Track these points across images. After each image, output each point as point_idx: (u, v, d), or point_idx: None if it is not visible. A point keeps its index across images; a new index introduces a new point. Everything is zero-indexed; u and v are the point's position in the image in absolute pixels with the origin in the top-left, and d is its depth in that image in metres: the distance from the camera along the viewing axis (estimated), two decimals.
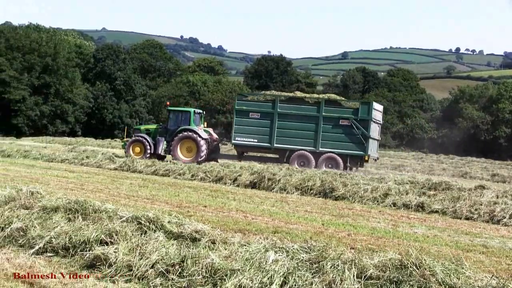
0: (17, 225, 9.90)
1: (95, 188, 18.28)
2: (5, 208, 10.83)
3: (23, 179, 19.03)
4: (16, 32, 78.30)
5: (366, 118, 32.86)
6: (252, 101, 35.12)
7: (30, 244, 9.34)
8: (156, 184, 20.89)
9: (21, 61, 73.19)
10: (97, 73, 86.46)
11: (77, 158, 29.26)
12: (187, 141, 33.74)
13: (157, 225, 9.06)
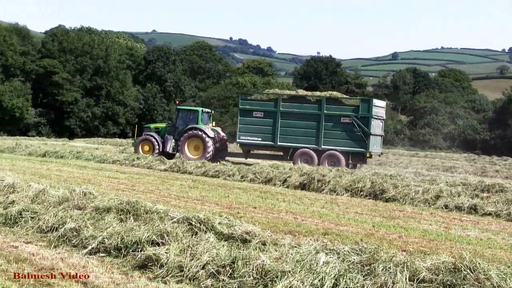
0: (70, 225, 10.06)
1: (146, 189, 18.44)
2: (59, 208, 11.01)
3: (75, 180, 19.31)
4: (68, 35, 79.56)
5: (366, 115, 33.04)
6: (256, 100, 35.35)
7: (83, 244, 9.47)
8: (206, 185, 20.97)
9: (73, 63, 74.34)
10: (147, 75, 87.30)
11: (128, 159, 29.57)
12: (194, 140, 34.50)
13: (208, 226, 9.09)
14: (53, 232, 10.25)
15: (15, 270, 8.03)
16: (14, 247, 9.43)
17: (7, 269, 8.08)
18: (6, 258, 8.63)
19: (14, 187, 12.78)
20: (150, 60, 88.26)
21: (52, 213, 10.83)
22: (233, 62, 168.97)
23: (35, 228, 10.71)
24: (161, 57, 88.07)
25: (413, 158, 52.28)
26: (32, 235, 10.43)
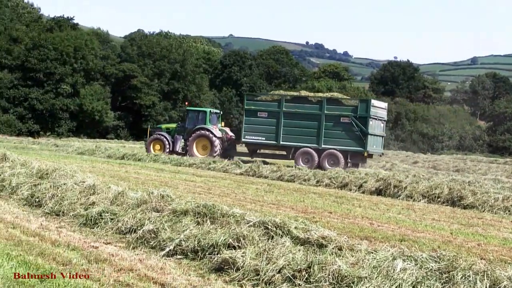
0: (148, 227, 10.21)
1: (222, 193, 18.58)
2: (137, 210, 11.20)
3: (153, 183, 19.62)
4: (147, 40, 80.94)
5: (364, 115, 34.07)
6: (260, 101, 36.96)
7: (161, 246, 9.60)
8: (282, 189, 20.99)
9: (151, 67, 75.53)
10: (223, 79, 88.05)
11: (204, 162, 29.87)
12: (202, 139, 36.30)
13: (284, 231, 9.08)
14: (131, 234, 10.43)
15: (95, 270, 8.21)
16: (94, 247, 9.64)
17: (88, 268, 8.27)
18: (87, 258, 8.83)
19: (94, 189, 13.07)
20: (226, 64, 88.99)
21: (131, 215, 11.03)
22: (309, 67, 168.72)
23: (114, 229, 10.92)
24: (237, 61, 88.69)
25: (492, 164, 51.13)
26: (111, 236, 10.65)
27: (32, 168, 15.97)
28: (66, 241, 9.96)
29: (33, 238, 9.96)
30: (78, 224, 11.51)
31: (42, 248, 9.22)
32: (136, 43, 78.91)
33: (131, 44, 79.99)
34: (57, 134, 63.92)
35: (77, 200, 12.69)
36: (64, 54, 67.69)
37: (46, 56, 66.42)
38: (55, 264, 8.34)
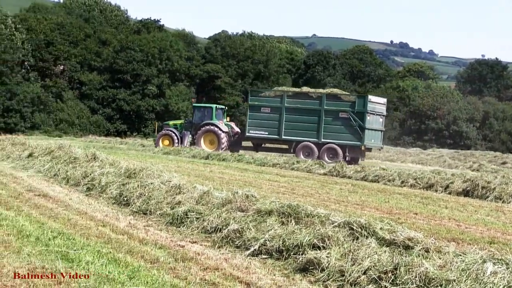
0: (233, 226, 10.29)
1: (306, 193, 18.55)
2: (222, 210, 11.31)
3: (237, 182, 19.75)
4: (231, 41, 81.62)
5: (362, 110, 35.55)
6: (264, 97, 38.76)
7: (246, 245, 9.66)
8: (366, 190, 20.80)
9: (235, 68, 76.14)
10: (307, 79, 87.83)
11: (288, 162, 29.88)
12: (210, 134, 38.04)
13: (369, 231, 8.99)
14: (217, 233, 10.54)
15: (182, 269, 8.33)
16: (180, 246, 9.78)
17: (174, 267, 8.40)
18: (173, 256, 8.97)
19: (180, 188, 13.26)
20: (310, 64, 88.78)
21: (216, 214, 11.14)
22: (393, 66, 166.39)
23: (200, 228, 11.06)
24: (321, 61, 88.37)
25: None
26: (197, 235, 10.78)
27: (120, 168, 16.34)
28: (153, 239, 10.14)
29: (121, 236, 10.19)
30: (164, 223, 11.71)
31: (131, 246, 9.42)
32: (220, 44, 79.67)
33: (215, 45, 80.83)
34: (144, 134, 65.22)
35: (164, 199, 12.90)
36: (150, 55, 68.99)
37: (133, 57, 67.85)
38: (143, 262, 8.51)
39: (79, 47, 69.54)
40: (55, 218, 11.51)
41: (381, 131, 38.55)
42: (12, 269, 7.62)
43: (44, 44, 67.57)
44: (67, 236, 9.77)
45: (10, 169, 20.50)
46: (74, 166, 18.33)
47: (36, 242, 9.22)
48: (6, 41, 62.93)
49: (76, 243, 9.34)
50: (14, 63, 63.74)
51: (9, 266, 7.76)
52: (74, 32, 70.39)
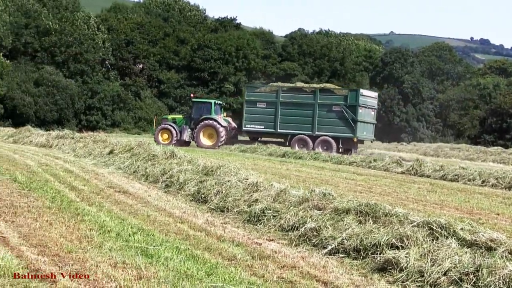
0: (310, 225, 10.25)
1: (383, 191, 18.34)
2: (299, 208, 11.28)
3: (314, 181, 19.69)
4: (308, 39, 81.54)
5: (354, 103, 37.22)
6: (260, 92, 40.51)
7: (323, 244, 9.61)
8: (445, 189, 20.41)
9: (311, 66, 76.07)
10: (384, 76, 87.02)
11: (365, 161, 29.63)
12: (209, 129, 38.93)
13: (449, 232, 8.80)
14: (293, 231, 10.52)
15: (259, 266, 8.36)
16: (257, 243, 9.81)
17: (252, 264, 8.44)
18: (250, 254, 9.00)
19: (257, 186, 13.29)
20: (387, 61, 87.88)
21: (293, 213, 11.11)
22: (473, 63, 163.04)
23: (276, 226, 11.05)
24: (398, 58, 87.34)
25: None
26: (274, 233, 10.79)
27: (198, 165, 16.50)
28: (230, 236, 10.21)
29: (199, 233, 10.29)
30: (241, 221, 11.76)
31: (208, 243, 9.50)
32: (297, 42, 79.73)
33: (291, 43, 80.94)
34: None
35: (241, 197, 12.96)
36: (227, 54, 69.53)
37: (210, 56, 68.55)
38: (221, 259, 8.56)
39: (158, 46, 70.75)
40: (135, 214, 11.72)
41: (372, 124, 40.22)
42: (95, 263, 7.80)
43: (124, 43, 69.01)
44: (146, 232, 9.92)
45: (92, 166, 21.00)
46: (153, 163, 18.62)
47: (117, 238, 9.40)
48: (88, 41, 64.55)
49: (155, 239, 9.49)
50: (96, 62, 65.38)
51: (92, 260, 7.94)
52: (153, 31, 71.64)
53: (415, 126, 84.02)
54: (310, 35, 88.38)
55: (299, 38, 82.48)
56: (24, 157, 22.66)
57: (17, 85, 58.47)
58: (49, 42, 63.69)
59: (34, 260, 7.82)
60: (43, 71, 60.87)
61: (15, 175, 16.13)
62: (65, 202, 12.41)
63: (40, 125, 54.17)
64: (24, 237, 9.06)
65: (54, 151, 27.80)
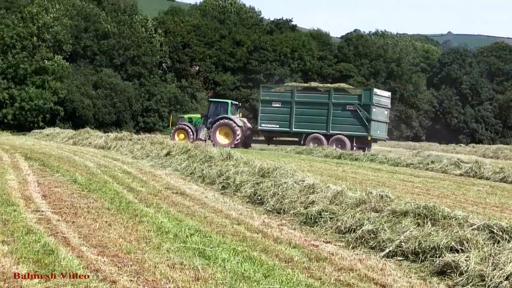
0: (368, 227, 10.18)
1: (441, 194, 18.09)
2: (356, 210, 11.21)
3: (370, 183, 19.53)
4: (364, 40, 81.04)
5: (368, 103, 37.99)
6: (275, 92, 41.31)
7: (380, 246, 9.52)
8: (505, 191, 20.03)
9: (368, 67, 75.55)
10: (442, 77, 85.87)
11: (422, 163, 29.28)
12: (225, 128, 39.27)
13: (511, 235, 8.65)
14: (350, 233, 10.45)
15: (316, 268, 8.33)
16: (314, 245, 9.78)
17: (309, 266, 8.41)
18: (307, 256, 8.98)
19: (313, 188, 13.25)
20: (445, 62, 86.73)
21: (350, 215, 11.05)
22: None
23: (333, 228, 11.00)
24: (456, 59, 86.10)
25: None
26: (330, 235, 10.74)
27: (254, 167, 16.55)
28: (287, 238, 10.20)
29: (256, 235, 10.30)
30: (298, 222, 11.74)
31: (265, 245, 9.50)
32: (353, 43, 79.29)
33: (347, 44, 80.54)
34: None
35: (297, 198, 12.93)
36: (282, 55, 69.54)
37: (266, 58, 68.64)
38: (278, 261, 8.56)
39: (214, 48, 71.17)
40: (192, 215, 11.80)
41: (385, 123, 41.10)
42: (153, 264, 7.88)
43: (180, 45, 69.61)
44: (203, 234, 9.98)
45: (149, 167, 21.25)
46: (209, 165, 18.75)
47: (175, 239, 9.47)
48: (146, 44, 65.33)
49: (212, 240, 9.53)
50: (153, 65, 66.10)
51: (150, 261, 8.03)
52: (209, 33, 72.11)
53: (474, 128, 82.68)
54: (366, 36, 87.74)
55: (355, 39, 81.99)
56: (84, 159, 23.05)
57: (77, 88, 59.54)
58: (108, 45, 64.70)
59: (94, 260, 7.94)
60: (101, 74, 61.85)
61: (75, 176, 16.42)
62: (123, 203, 12.57)
63: (99, 127, 55.03)
64: (84, 237, 9.21)
65: (112, 153, 28.22)
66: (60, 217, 10.67)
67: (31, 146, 29.54)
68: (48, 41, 61.29)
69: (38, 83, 59.05)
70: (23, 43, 59.29)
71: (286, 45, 71.40)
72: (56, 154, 24.29)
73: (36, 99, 57.66)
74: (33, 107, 57.74)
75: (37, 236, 8.94)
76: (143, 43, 65.43)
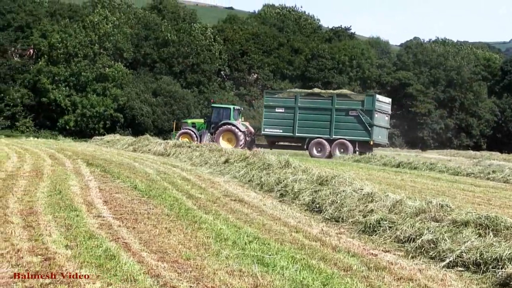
0: (427, 237, 10.07)
1: (503, 204, 17.73)
2: (416, 219, 11.10)
3: (430, 192, 19.27)
4: (423, 47, 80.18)
5: (370, 108, 38.84)
6: (278, 97, 42.25)
7: (441, 256, 9.41)
8: None
9: (427, 75, 74.69)
10: (504, 85, 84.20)
11: (483, 172, 28.75)
12: (228, 133, 40.55)
13: None
14: (410, 243, 10.35)
15: (375, 278, 8.28)
16: (373, 254, 9.72)
17: (368, 276, 8.37)
18: (366, 265, 8.93)
19: (372, 197, 13.17)
20: (507, 70, 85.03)
21: (409, 224, 10.94)
22: None
23: (392, 237, 10.91)
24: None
25: None
26: (389, 244, 10.66)
27: (313, 175, 16.53)
28: (346, 247, 10.16)
29: (314, 243, 10.29)
30: (356, 231, 11.69)
31: (324, 253, 9.49)
32: (412, 51, 78.51)
33: (406, 52, 79.80)
34: None
35: (356, 207, 12.88)
36: (341, 63, 69.32)
37: (324, 65, 68.51)
38: (337, 270, 8.53)
39: (272, 56, 71.35)
40: (251, 223, 11.85)
41: (386, 128, 42.13)
42: (212, 271, 7.95)
43: (239, 53, 69.97)
44: (262, 241, 10.01)
45: (208, 174, 21.40)
46: (267, 172, 18.79)
47: (233, 246, 9.53)
48: (205, 52, 65.90)
49: (271, 248, 9.55)
50: (212, 73, 66.59)
51: (209, 267, 8.10)
52: (267, 41, 72.35)
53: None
54: (426, 44, 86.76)
55: (414, 47, 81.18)
56: (143, 165, 23.36)
57: (136, 95, 60.44)
58: (168, 53, 65.52)
59: (155, 266, 8.06)
60: (161, 81, 62.65)
61: (135, 182, 16.66)
62: (182, 209, 12.70)
63: (158, 134, 55.78)
64: (145, 243, 9.34)
65: (171, 160, 28.51)
66: (121, 222, 10.86)
67: (92, 152, 30.08)
68: (109, 49, 62.44)
69: (99, 90, 60.23)
70: (84, 51, 60.54)
71: (344, 53, 71.17)
72: (117, 161, 24.68)
73: (97, 106, 58.79)
74: (94, 114, 58.89)
75: (99, 241, 9.12)
76: (202, 51, 66.06)
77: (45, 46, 60.54)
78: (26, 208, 11.66)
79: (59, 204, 12.29)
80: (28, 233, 9.46)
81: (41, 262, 7.84)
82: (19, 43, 65.10)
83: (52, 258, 8.02)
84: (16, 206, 11.81)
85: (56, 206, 11.99)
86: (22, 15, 64.89)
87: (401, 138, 72.91)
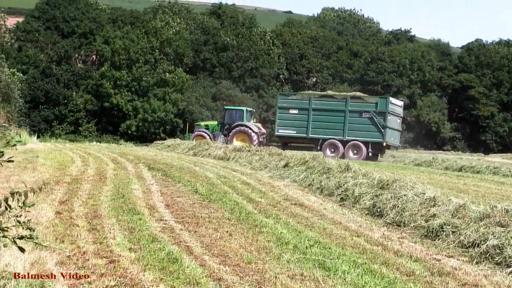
0: (493, 242, 9.88)
1: None
2: (480, 224, 10.90)
3: (494, 196, 18.89)
4: (486, 49, 78.73)
5: (384, 110, 39.17)
6: (292, 99, 42.75)
7: (507, 262, 9.23)
8: None
9: (490, 77, 73.29)
10: None
11: None
12: (241, 134, 41.57)
13: None
14: (474, 248, 10.18)
15: (439, 283, 8.16)
16: (436, 260, 9.59)
17: (431, 281, 8.26)
18: (429, 270, 8.81)
19: (435, 201, 12.99)
20: None
21: (473, 229, 10.76)
22: None
23: (456, 242, 10.75)
24: None
25: None
26: (453, 249, 10.50)
27: (373, 179, 16.38)
28: (408, 252, 10.05)
29: (376, 247, 10.21)
30: (419, 236, 11.55)
31: (386, 258, 9.40)
32: (474, 53, 77.16)
33: (468, 54, 78.46)
34: None
35: (418, 211, 12.73)
36: (401, 66, 68.66)
37: (384, 68, 67.95)
38: (399, 275, 8.45)
39: (331, 59, 71.17)
40: (311, 227, 11.82)
41: (398, 131, 42.60)
42: (274, 275, 7.96)
43: (297, 57, 69.96)
44: (323, 245, 9.98)
45: (267, 178, 21.42)
46: (327, 176, 18.70)
47: (294, 250, 9.52)
48: (264, 56, 66.12)
49: (332, 252, 9.51)
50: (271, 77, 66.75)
51: (271, 271, 8.11)
52: (326, 44, 72.19)
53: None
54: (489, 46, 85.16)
55: (476, 48, 79.75)
56: (204, 169, 23.51)
57: (196, 100, 60.96)
58: (227, 57, 65.95)
59: (217, 269, 8.10)
60: (220, 86, 63.09)
61: (196, 186, 16.78)
62: (243, 213, 12.75)
63: None
64: (206, 246, 9.40)
65: (231, 164, 28.61)
66: (183, 226, 10.95)
67: (154, 156, 30.42)
68: (170, 55, 63.18)
69: (160, 95, 60.99)
70: (146, 57, 61.40)
71: (404, 56, 70.42)
72: (177, 165, 24.90)
73: (158, 111, 59.54)
74: (155, 119, 59.63)
75: (161, 244, 9.22)
76: (261, 55, 66.28)
77: (108, 52, 61.64)
78: (91, 211, 11.86)
79: (122, 207, 12.47)
80: (93, 236, 9.62)
81: (106, 265, 7.97)
82: (83, 50, 66.48)
83: (117, 261, 8.14)
84: (81, 209, 12.03)
85: (119, 210, 12.17)
86: (86, 22, 66.26)
87: (463, 142, 71.74)
